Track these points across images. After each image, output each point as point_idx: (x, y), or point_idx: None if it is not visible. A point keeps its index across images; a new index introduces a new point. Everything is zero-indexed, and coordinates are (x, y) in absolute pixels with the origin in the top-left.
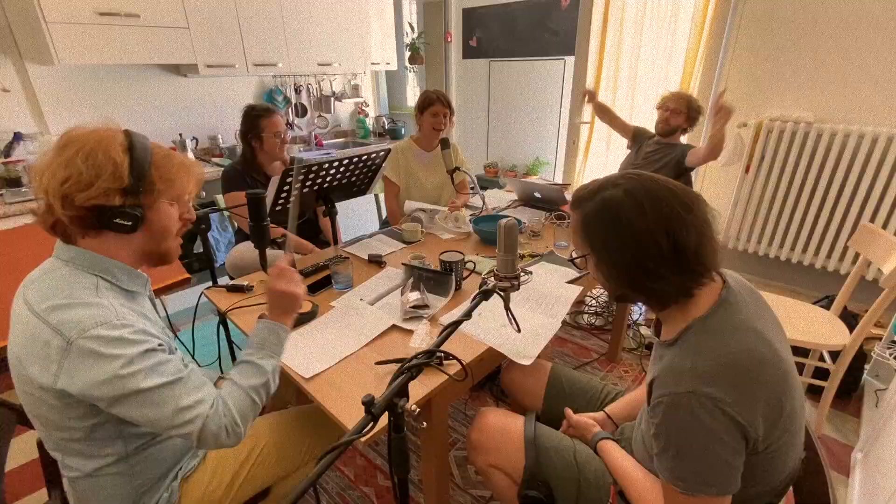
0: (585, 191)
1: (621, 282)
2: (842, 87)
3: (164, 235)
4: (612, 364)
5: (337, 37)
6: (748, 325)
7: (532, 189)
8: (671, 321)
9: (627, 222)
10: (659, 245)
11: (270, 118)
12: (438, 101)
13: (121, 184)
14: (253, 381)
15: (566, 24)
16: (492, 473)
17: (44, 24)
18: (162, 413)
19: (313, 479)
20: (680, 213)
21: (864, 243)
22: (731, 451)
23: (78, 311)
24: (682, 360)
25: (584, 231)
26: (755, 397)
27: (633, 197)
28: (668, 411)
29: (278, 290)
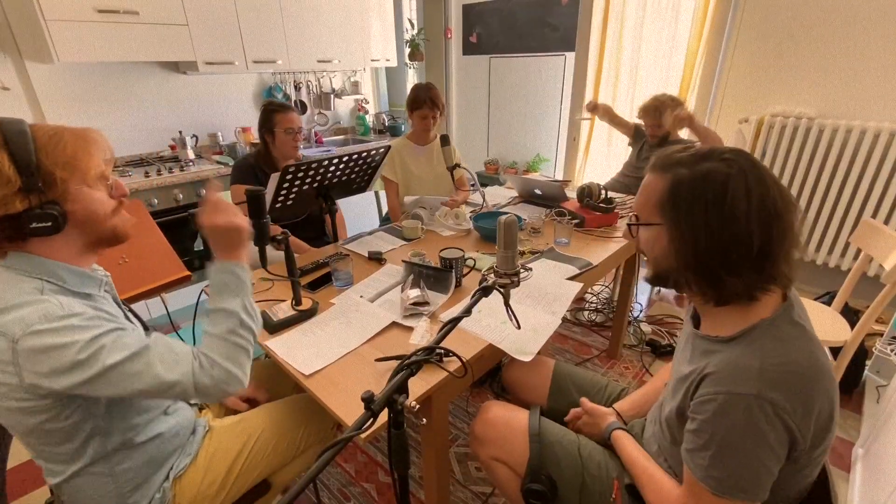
0: (681, 154)
1: (690, 265)
2: (844, 82)
3: (95, 222)
4: (612, 361)
5: (336, 33)
6: (809, 333)
7: (532, 186)
8: (722, 317)
9: (731, 204)
10: (751, 239)
11: (284, 114)
12: (427, 105)
13: (12, 187)
14: (226, 325)
15: (567, 20)
16: (495, 466)
17: (43, 21)
18: (146, 382)
19: (312, 476)
20: (781, 210)
21: (865, 239)
22: (774, 459)
23: (19, 311)
24: (747, 360)
25: (670, 199)
26: (813, 408)
27: (745, 178)
28: (722, 410)
29: (217, 225)
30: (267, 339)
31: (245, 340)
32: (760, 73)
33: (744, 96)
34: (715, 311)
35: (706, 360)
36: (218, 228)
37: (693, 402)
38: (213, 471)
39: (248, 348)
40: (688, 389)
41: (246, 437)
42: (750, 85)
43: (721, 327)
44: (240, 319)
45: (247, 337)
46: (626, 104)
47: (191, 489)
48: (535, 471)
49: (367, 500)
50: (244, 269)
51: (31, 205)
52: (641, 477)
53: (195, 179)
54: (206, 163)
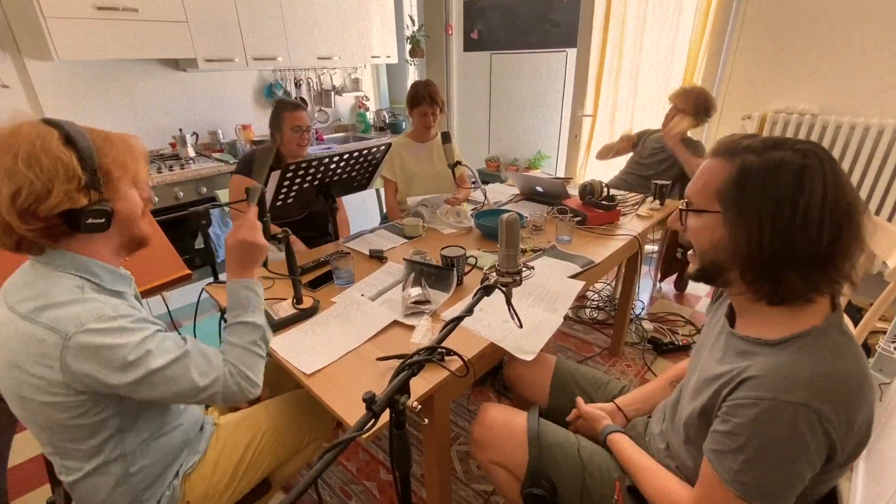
0: (749, 141)
1: (748, 258)
2: (847, 78)
3: (133, 222)
4: (614, 359)
5: (337, 30)
6: (856, 343)
7: (534, 183)
8: (769, 318)
9: (806, 198)
10: (821, 237)
11: (292, 112)
12: (425, 101)
13: (78, 182)
14: (251, 337)
15: (568, 16)
16: (494, 470)
17: (42, 18)
18: (181, 387)
19: (314, 477)
20: (853, 210)
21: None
22: (810, 470)
23: (73, 308)
24: (797, 367)
25: (736, 186)
26: (856, 421)
27: (822, 172)
28: (765, 416)
29: (253, 242)
30: None
31: (263, 351)
32: (763, 70)
33: (746, 93)
34: (759, 310)
35: (745, 361)
36: (250, 245)
37: (728, 404)
38: (222, 467)
39: (265, 358)
40: (719, 390)
41: (252, 432)
42: (753, 81)
43: (764, 329)
44: (263, 333)
45: (265, 348)
46: (627, 100)
47: (200, 486)
48: (534, 474)
49: (369, 497)
50: (260, 286)
51: (91, 201)
52: (644, 479)
53: (195, 177)
54: (207, 161)
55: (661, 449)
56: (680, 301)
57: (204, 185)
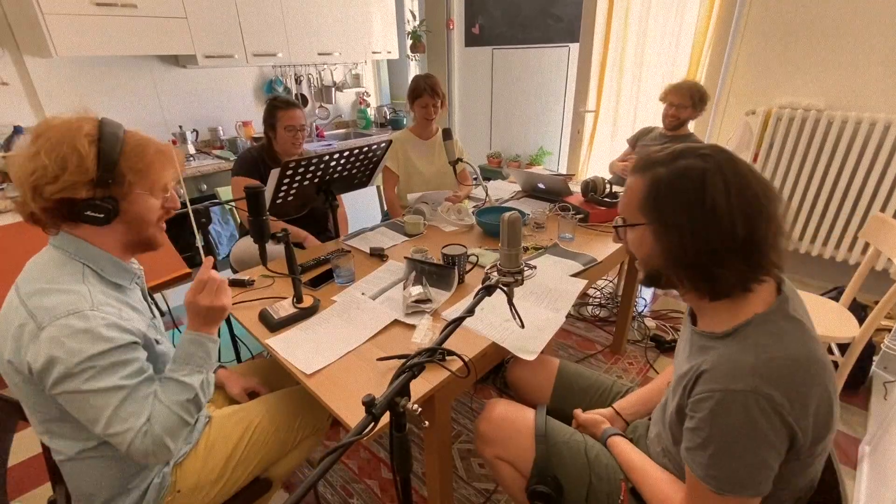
0: (659, 155)
1: (678, 261)
2: (854, 72)
3: (142, 225)
4: (616, 356)
5: (337, 25)
6: (806, 326)
7: (536, 180)
8: (717, 313)
9: (711, 198)
10: (735, 231)
11: (286, 111)
12: (427, 93)
13: (87, 176)
14: (178, 397)
15: (570, 10)
16: (499, 465)
17: (40, 15)
18: (96, 416)
19: (313, 482)
20: (762, 201)
21: (875, 234)
22: (775, 455)
23: (54, 297)
24: (741, 355)
25: (652, 199)
26: (810, 403)
27: (723, 172)
28: (719, 407)
29: (203, 305)
30: (268, 338)
31: (190, 416)
32: (768, 64)
33: (751, 88)
34: (710, 307)
35: (703, 356)
36: (202, 307)
37: (690, 401)
38: (213, 458)
39: (191, 423)
40: (685, 387)
41: (245, 425)
42: (757, 76)
43: (716, 323)
44: (194, 396)
45: (194, 413)
46: (630, 96)
47: (191, 475)
48: (540, 472)
49: (370, 496)
50: (215, 343)
51: (94, 195)
52: (640, 481)
53: (196, 174)
54: (207, 157)
55: (659, 451)
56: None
57: (204, 182)
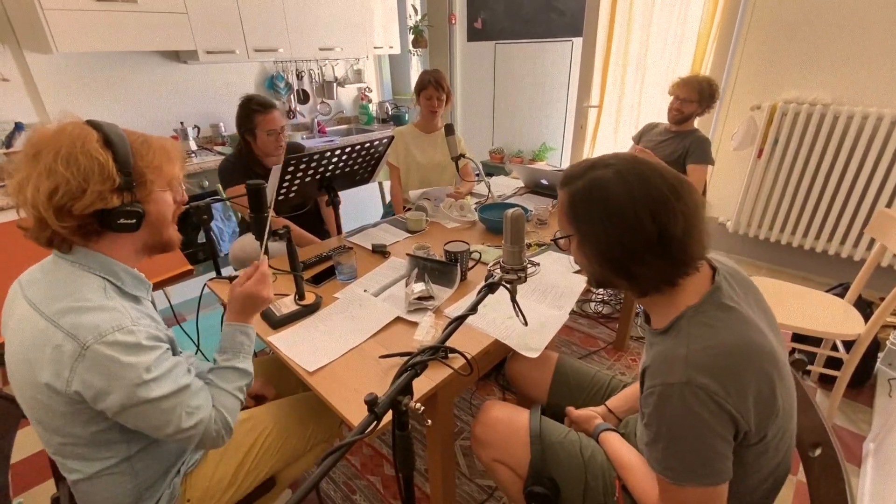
0: (575, 169)
1: (603, 265)
2: (860, 68)
3: (163, 224)
4: (619, 353)
5: (338, 20)
6: (741, 314)
7: (538, 176)
8: (658, 309)
9: (615, 203)
10: (644, 229)
11: (266, 115)
12: (432, 85)
13: (112, 183)
14: (238, 383)
15: (574, 4)
16: (496, 468)
17: (41, 11)
18: (169, 419)
19: (316, 481)
20: (668, 197)
21: (880, 230)
22: (721, 442)
23: (93, 316)
24: (674, 349)
25: (571, 210)
26: (747, 388)
27: (623, 178)
28: (660, 401)
29: (255, 293)
30: (270, 335)
31: (244, 396)
32: (773, 58)
33: (756, 82)
34: (650, 303)
35: (649, 353)
36: (256, 297)
37: (641, 397)
38: (223, 467)
39: (244, 402)
40: (642, 385)
41: (255, 434)
42: (763, 70)
43: (658, 320)
44: (250, 379)
45: (245, 393)
46: (633, 91)
47: (201, 485)
48: (536, 473)
49: (373, 492)
50: (254, 331)
51: (124, 202)
52: (626, 477)
53: (197, 171)
54: (208, 154)
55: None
56: None
57: (206, 179)
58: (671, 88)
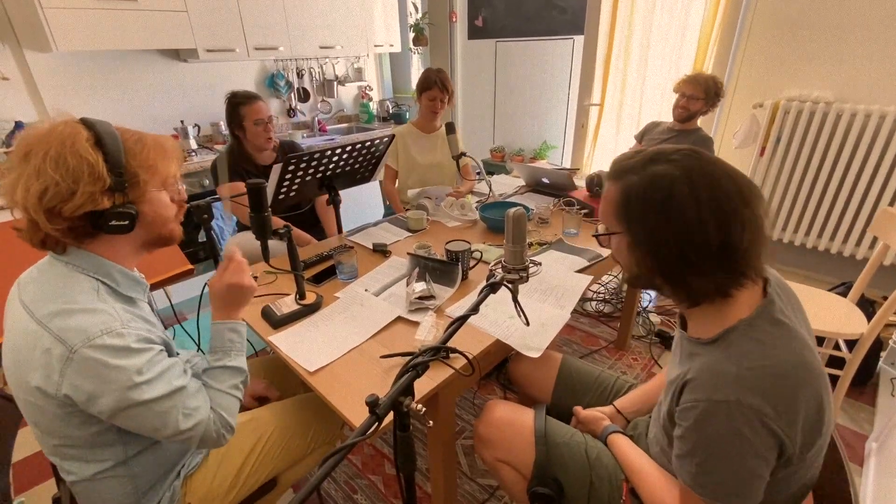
0: (631, 161)
1: (652, 269)
2: (863, 65)
3: (162, 223)
4: (620, 352)
5: (339, 18)
6: (793, 330)
7: (540, 174)
8: (703, 318)
9: (679, 207)
10: (708, 238)
11: (250, 105)
12: (436, 86)
13: (103, 184)
14: (232, 381)
15: (575, 2)
16: (500, 468)
17: (40, 10)
18: (165, 422)
19: (317, 483)
20: (738, 205)
21: (883, 228)
22: (764, 465)
23: (81, 318)
24: (724, 364)
25: (624, 207)
26: (798, 411)
27: (689, 177)
28: (703, 417)
29: (235, 283)
30: (271, 335)
31: (242, 394)
32: (776, 56)
33: (758, 80)
34: (696, 312)
35: (689, 364)
36: (234, 286)
37: (678, 409)
38: (224, 469)
39: (241, 400)
40: (674, 394)
41: (257, 436)
42: (765, 68)
43: (703, 329)
44: (245, 376)
45: (243, 390)
46: (635, 89)
47: (202, 487)
48: (541, 473)
49: (374, 491)
50: (244, 326)
51: (115, 203)
52: (637, 481)
53: (198, 170)
54: (209, 153)
55: (658, 449)
56: None
57: (206, 178)
58: (676, 86)
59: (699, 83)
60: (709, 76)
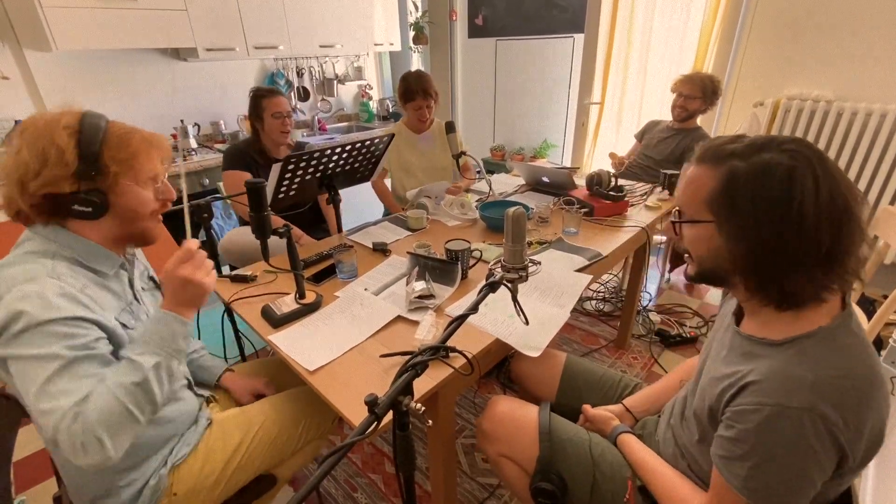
0: (734, 145)
1: (747, 266)
2: (864, 63)
3: (134, 218)
4: (620, 351)
5: (339, 17)
6: (868, 342)
7: (540, 173)
8: (773, 319)
9: (798, 201)
10: (820, 238)
11: (271, 99)
12: (420, 96)
13: (68, 169)
14: (124, 378)
15: (575, 1)
16: (503, 463)
17: (40, 9)
18: (26, 388)
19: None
20: (851, 205)
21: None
22: (820, 474)
23: (16, 269)
24: (799, 369)
25: (725, 195)
26: (866, 423)
27: (812, 172)
28: (768, 422)
29: (180, 276)
30: (270, 334)
31: (138, 409)
32: (776, 55)
33: (759, 79)
34: (766, 311)
35: (749, 364)
36: (179, 278)
37: (731, 409)
38: (212, 462)
39: (139, 420)
40: (724, 392)
41: (246, 428)
42: (765, 67)
43: (770, 329)
44: (142, 379)
45: (143, 406)
46: (635, 88)
47: (189, 479)
48: (545, 469)
49: (374, 490)
50: (184, 325)
51: (80, 189)
52: (654, 481)
53: (198, 169)
54: (209, 152)
55: (672, 449)
56: (689, 291)
57: (206, 177)
58: (674, 86)
59: (696, 82)
60: (705, 75)
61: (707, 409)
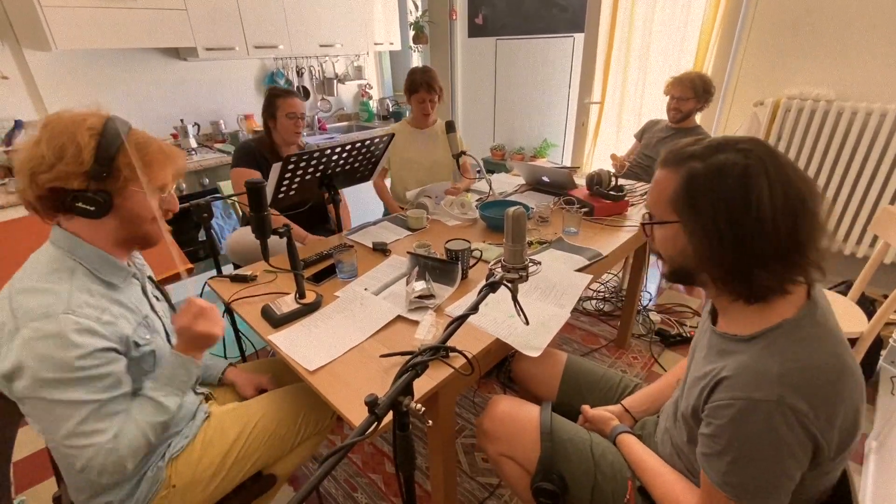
0: (693, 147)
1: (712, 263)
2: (864, 63)
3: (137, 222)
4: (620, 351)
5: (339, 17)
6: (834, 332)
7: (540, 173)
8: (743, 314)
9: (755, 198)
10: (778, 232)
11: (286, 99)
12: (423, 88)
13: (82, 168)
14: (152, 419)
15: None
16: (504, 462)
17: (39, 8)
18: (55, 427)
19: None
20: (806, 198)
21: (884, 227)
22: (796, 466)
23: (36, 298)
24: (766, 362)
25: (685, 195)
26: (837, 414)
27: (765, 169)
28: (740, 416)
29: (198, 332)
30: (270, 334)
31: (156, 439)
32: (777, 54)
33: (759, 78)
34: (736, 308)
35: (723, 361)
36: (196, 334)
37: (708, 406)
38: (210, 455)
39: (154, 445)
40: (702, 391)
41: (244, 422)
42: (766, 66)
43: (740, 325)
44: (167, 420)
45: (160, 436)
46: (635, 87)
47: (186, 471)
48: (546, 469)
49: (374, 490)
50: (199, 368)
51: (88, 188)
52: (651, 481)
53: (198, 168)
54: (209, 151)
55: (669, 449)
56: (689, 291)
57: (206, 177)
58: (666, 88)
59: (686, 83)
60: (695, 74)
61: (691, 409)
